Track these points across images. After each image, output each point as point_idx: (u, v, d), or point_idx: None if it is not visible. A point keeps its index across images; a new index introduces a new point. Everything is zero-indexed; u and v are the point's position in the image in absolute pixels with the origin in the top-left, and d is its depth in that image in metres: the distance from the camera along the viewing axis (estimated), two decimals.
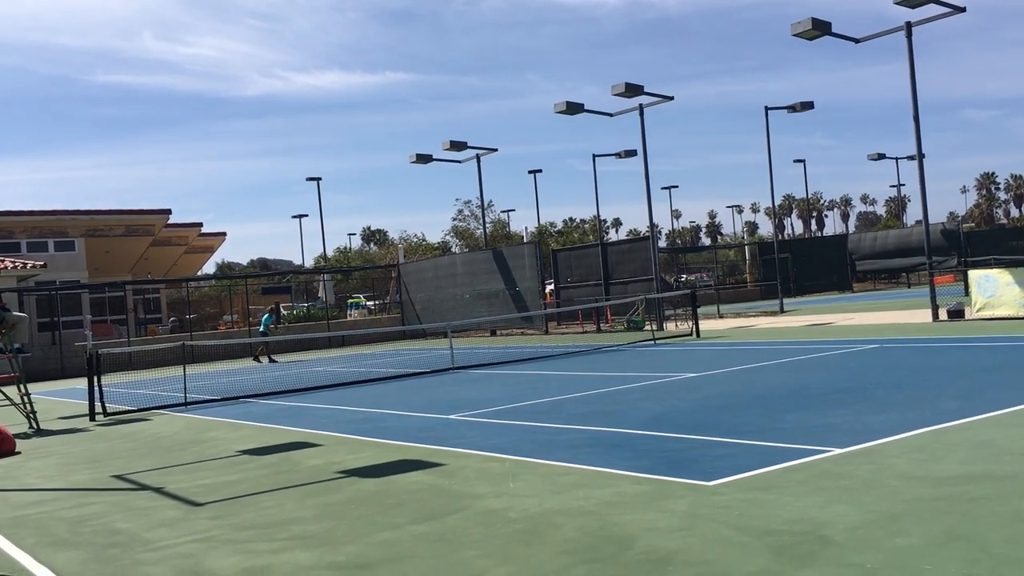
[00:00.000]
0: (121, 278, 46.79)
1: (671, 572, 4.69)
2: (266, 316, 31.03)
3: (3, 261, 33.79)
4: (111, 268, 47.74)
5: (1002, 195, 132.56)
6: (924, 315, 22.66)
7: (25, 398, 14.69)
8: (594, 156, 48.44)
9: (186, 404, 16.20)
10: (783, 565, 4.63)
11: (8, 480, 9.87)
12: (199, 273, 63.78)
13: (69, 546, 6.51)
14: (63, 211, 43.31)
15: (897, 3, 20.88)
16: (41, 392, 22.54)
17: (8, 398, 15.04)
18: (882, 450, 7.22)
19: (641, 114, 29.16)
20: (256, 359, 29.59)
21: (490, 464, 8.16)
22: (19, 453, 11.97)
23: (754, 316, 31.88)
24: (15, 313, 15.33)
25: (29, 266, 34.19)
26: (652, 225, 30.46)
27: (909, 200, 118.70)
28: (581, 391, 13.18)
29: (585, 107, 30.08)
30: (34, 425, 14.59)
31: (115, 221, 45.05)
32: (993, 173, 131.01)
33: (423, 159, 35.75)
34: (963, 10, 21.44)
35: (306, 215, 67.17)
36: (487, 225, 47.21)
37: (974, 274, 21.63)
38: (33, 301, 36.43)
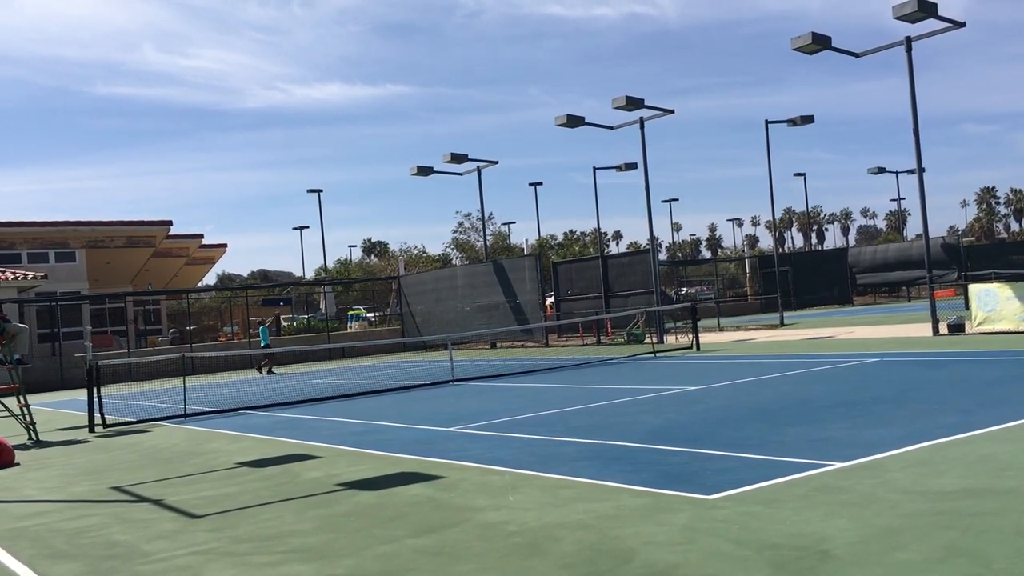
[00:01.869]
0: (122, 289, 46.81)
1: None
2: (263, 328, 30.93)
3: (4, 272, 33.80)
4: (112, 279, 47.76)
5: (1002, 209, 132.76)
6: (924, 329, 22.65)
7: (25, 409, 14.66)
8: (595, 169, 48.52)
9: (186, 416, 16.18)
10: None
11: (7, 491, 9.85)
12: (200, 284, 63.83)
13: (67, 558, 6.49)
14: (64, 222, 43.37)
15: (897, 18, 20.96)
16: (41, 403, 22.51)
17: (8, 409, 15.02)
18: (883, 464, 7.20)
19: (642, 127, 29.23)
20: (259, 370, 29.56)
21: (490, 477, 8.14)
22: (18, 464, 11.95)
23: (754, 329, 31.86)
24: (15, 324, 15.32)
25: (30, 277, 34.21)
26: (652, 238, 30.49)
27: (909, 214, 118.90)
28: (581, 404, 13.17)
29: (586, 120, 30.19)
30: (33, 436, 14.57)
31: (116, 232, 45.13)
32: (993, 187, 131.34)
33: (424, 171, 35.83)
34: (962, 25, 21.53)
35: (307, 227, 67.28)
36: (487, 237, 47.26)
37: (974, 288, 21.63)
38: (33, 312, 36.43)
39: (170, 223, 46.32)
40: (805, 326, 31.29)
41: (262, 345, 29.86)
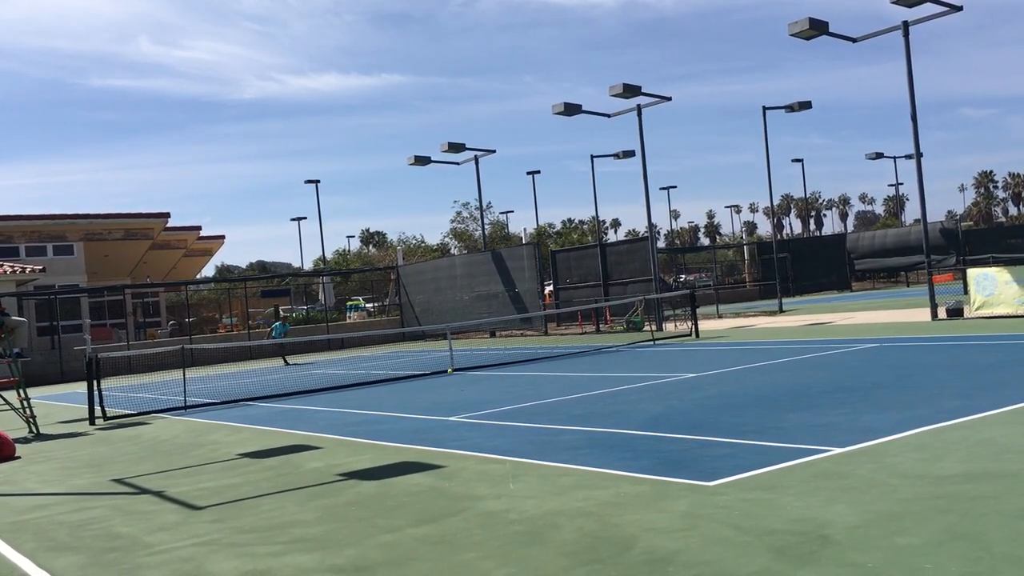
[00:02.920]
0: (120, 282, 46.79)
1: (671, 573, 4.69)
2: (279, 325, 30.70)
3: (2, 265, 33.76)
4: (110, 272, 47.73)
5: (1000, 193, 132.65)
6: (923, 314, 22.66)
7: (25, 402, 14.67)
8: (592, 157, 48.45)
9: (186, 407, 16.19)
10: (784, 565, 4.63)
11: (8, 484, 9.86)
12: (198, 276, 63.79)
13: (69, 550, 6.50)
14: (62, 215, 43.32)
15: (894, 2, 20.90)
16: (41, 396, 22.52)
17: (8, 402, 15.04)
18: (882, 449, 7.22)
19: (639, 115, 29.17)
20: (286, 362, 29.60)
21: (490, 466, 8.16)
22: (19, 458, 11.96)
23: (753, 316, 31.88)
24: (14, 317, 15.32)
25: (28, 270, 34.17)
26: (651, 225, 30.47)
27: (907, 199, 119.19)
28: (580, 392, 13.18)
29: (583, 108, 30.12)
30: (34, 429, 14.58)
31: (114, 225, 45.08)
32: (991, 171, 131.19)
33: (421, 161, 35.76)
34: (960, 9, 21.46)
35: (304, 218, 66.97)
36: (486, 227, 47.22)
37: (973, 273, 21.64)
38: (32, 305, 36.40)
39: (168, 215, 46.30)
40: (804, 312, 31.31)
41: (275, 336, 29.68)
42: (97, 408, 15.61)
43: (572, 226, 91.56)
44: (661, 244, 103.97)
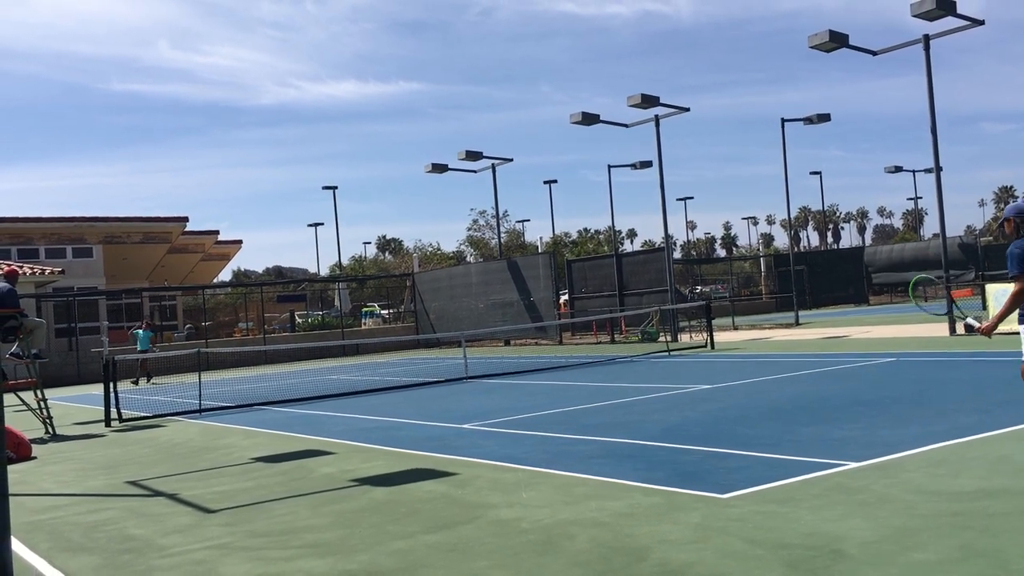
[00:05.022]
0: (138, 285, 47.11)
1: None
2: (143, 332, 28.23)
3: (21, 267, 34.04)
4: (128, 275, 48.05)
5: None
6: (941, 329, 22.50)
7: (42, 403, 14.77)
8: (609, 167, 48.45)
9: (201, 411, 16.26)
10: None
11: (24, 485, 9.92)
12: (215, 280, 64.12)
13: (83, 551, 6.53)
14: (81, 218, 43.67)
15: (915, 16, 20.82)
16: (57, 398, 22.67)
17: (25, 403, 15.14)
18: (899, 464, 7.16)
19: (657, 125, 29.15)
20: (136, 382, 27.04)
21: (503, 474, 8.14)
22: (35, 458, 12.04)
23: (769, 328, 31.74)
24: (32, 319, 15.43)
25: (47, 272, 34.45)
26: (667, 236, 30.41)
27: (926, 213, 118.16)
28: (595, 402, 13.15)
29: (601, 118, 30.13)
30: (50, 430, 14.67)
31: (133, 228, 45.41)
32: (1011, 186, 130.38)
33: (439, 169, 35.87)
34: (981, 23, 21.36)
35: (321, 223, 67.34)
36: (502, 235, 47.25)
37: (992, 288, 21.46)
38: (51, 307, 36.67)
39: (186, 219, 46.58)
40: (820, 325, 31.15)
41: (140, 350, 26.97)
42: (113, 410, 15.70)
43: (588, 236, 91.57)
44: (677, 255, 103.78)
